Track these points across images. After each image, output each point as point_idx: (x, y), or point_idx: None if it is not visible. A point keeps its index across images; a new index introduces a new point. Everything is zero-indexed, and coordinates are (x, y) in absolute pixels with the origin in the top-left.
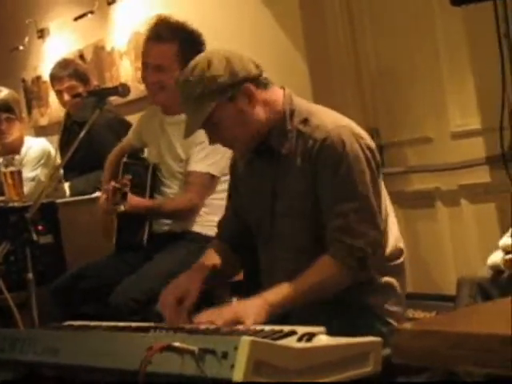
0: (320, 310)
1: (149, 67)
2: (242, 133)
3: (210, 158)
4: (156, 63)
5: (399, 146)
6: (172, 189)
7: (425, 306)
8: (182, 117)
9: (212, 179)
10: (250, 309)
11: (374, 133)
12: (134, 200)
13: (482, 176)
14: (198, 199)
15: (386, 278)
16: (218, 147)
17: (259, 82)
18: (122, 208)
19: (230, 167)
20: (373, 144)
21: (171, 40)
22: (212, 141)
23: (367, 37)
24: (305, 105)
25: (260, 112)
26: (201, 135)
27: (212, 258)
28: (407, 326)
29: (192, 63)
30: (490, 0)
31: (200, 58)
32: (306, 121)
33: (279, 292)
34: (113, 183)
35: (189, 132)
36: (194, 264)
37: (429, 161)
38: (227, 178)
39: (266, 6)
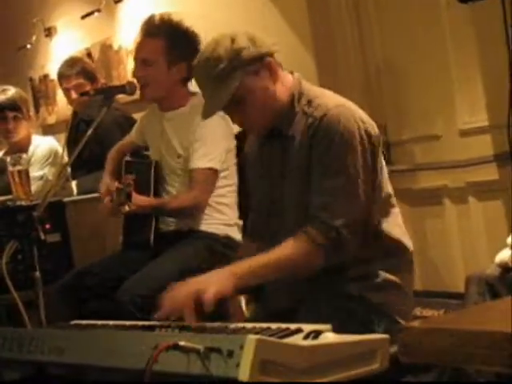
0: (326, 307)
1: (136, 61)
2: (264, 110)
3: (211, 153)
4: (142, 57)
5: (407, 143)
6: (174, 186)
7: (433, 304)
8: (179, 112)
9: (214, 173)
10: (213, 278)
11: (381, 130)
12: (138, 199)
13: (490, 173)
14: (202, 196)
15: (392, 276)
16: (218, 140)
17: (276, 60)
18: (127, 208)
19: (244, 161)
20: (373, 130)
21: (158, 35)
22: (235, 120)
23: (374, 34)
24: (313, 89)
25: (280, 89)
26: (199, 130)
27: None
28: (415, 324)
29: (210, 43)
30: None
31: (219, 37)
32: (310, 102)
33: (246, 264)
34: (116, 184)
35: (211, 112)
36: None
37: (437, 158)
38: (227, 173)
39: (274, 4)
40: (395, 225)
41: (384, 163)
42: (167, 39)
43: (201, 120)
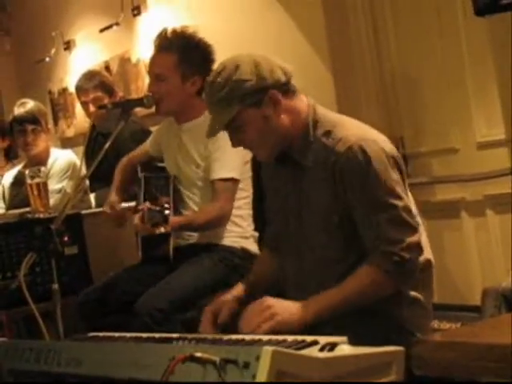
0: (344, 320)
1: (151, 76)
2: (264, 139)
3: (231, 163)
4: (156, 72)
5: (424, 156)
6: (191, 199)
7: (450, 317)
8: (196, 123)
9: (235, 183)
10: (289, 309)
11: (398, 142)
12: (175, 221)
13: (508, 186)
14: (227, 206)
15: (415, 292)
16: (236, 150)
17: (287, 89)
18: (163, 230)
19: (256, 172)
20: (397, 154)
21: (171, 50)
22: (234, 143)
23: (391, 46)
24: (329, 116)
25: (284, 120)
26: (217, 140)
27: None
28: (430, 337)
29: (220, 65)
30: None
31: (229, 60)
32: (329, 133)
33: (322, 302)
34: (148, 204)
35: (212, 132)
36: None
37: (454, 171)
38: (244, 184)
39: (290, 15)
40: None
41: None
42: (180, 53)
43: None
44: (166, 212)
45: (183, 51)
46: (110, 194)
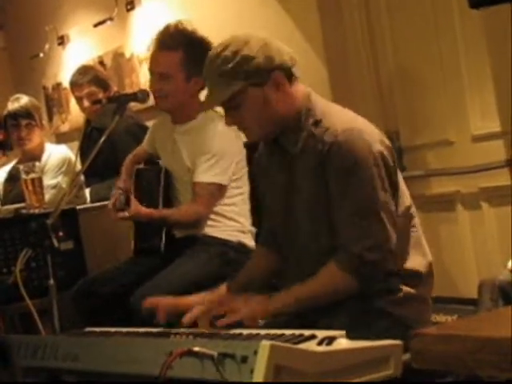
0: (342, 315)
1: (154, 74)
2: (260, 120)
3: (217, 167)
4: (160, 71)
5: (419, 149)
6: (184, 196)
7: (446, 310)
8: (190, 125)
9: (219, 188)
10: (250, 304)
11: (394, 136)
12: (138, 208)
13: (503, 179)
14: (204, 210)
15: (413, 289)
16: (226, 155)
17: (291, 74)
18: (127, 214)
19: (255, 166)
20: (384, 149)
21: (175, 48)
22: (228, 121)
23: (386, 41)
24: (322, 105)
25: (283, 104)
26: (207, 145)
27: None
28: (428, 330)
29: (227, 40)
30: (509, 2)
31: (237, 37)
32: (319, 122)
33: (282, 296)
34: (119, 190)
35: (208, 106)
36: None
37: (449, 164)
38: (239, 181)
39: (286, 12)
40: (414, 238)
41: (401, 176)
42: (184, 52)
43: (209, 133)
44: (127, 195)
45: (187, 49)
46: (113, 193)
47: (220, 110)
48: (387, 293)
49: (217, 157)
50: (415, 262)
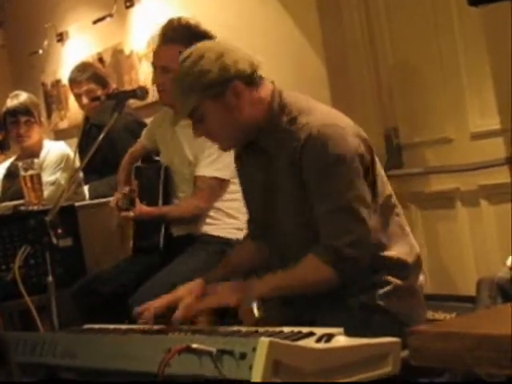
0: (338, 312)
1: (156, 68)
2: (225, 130)
3: (219, 162)
4: (162, 64)
5: (419, 146)
6: (184, 192)
7: (445, 307)
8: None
9: (221, 183)
10: (222, 290)
11: (393, 133)
12: (141, 208)
13: (502, 176)
14: (205, 204)
15: (401, 281)
16: None
17: (251, 80)
18: (131, 214)
19: (235, 162)
20: (360, 141)
21: (178, 41)
22: (195, 133)
23: (385, 38)
24: (298, 102)
25: (248, 111)
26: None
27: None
28: (426, 327)
29: (187, 52)
30: (508, 0)
31: (195, 49)
32: (294, 119)
33: (263, 283)
34: (124, 190)
35: (176, 120)
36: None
37: (448, 161)
38: (235, 180)
39: (285, 9)
40: (397, 227)
41: (380, 167)
42: (186, 45)
43: None
44: (132, 195)
45: (190, 42)
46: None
47: None
48: (375, 287)
49: (219, 151)
50: (400, 251)
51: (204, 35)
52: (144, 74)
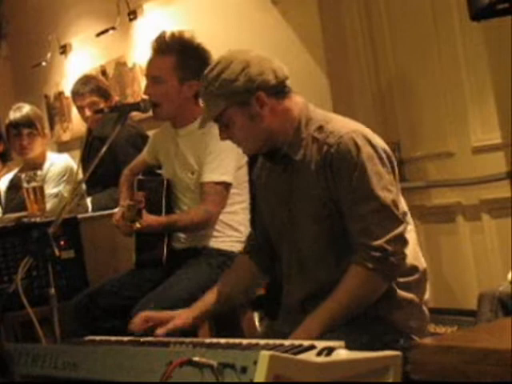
0: (345, 328)
1: (148, 79)
2: (249, 136)
3: (223, 167)
4: (152, 75)
5: (420, 160)
6: (187, 204)
7: (446, 321)
8: (191, 128)
9: (227, 187)
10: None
11: (394, 147)
12: (149, 218)
13: (504, 191)
14: (214, 209)
15: (406, 293)
16: (230, 154)
17: (276, 91)
18: (138, 225)
19: (253, 178)
20: (387, 148)
21: (168, 53)
22: (221, 136)
23: (387, 50)
24: (322, 114)
25: (271, 120)
26: (212, 144)
27: (222, 286)
28: (427, 341)
29: (217, 59)
30: (509, 15)
31: (225, 56)
32: (320, 128)
33: (319, 318)
34: (127, 201)
35: (203, 122)
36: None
37: (450, 175)
38: (240, 190)
39: (287, 21)
40: (410, 243)
41: (398, 184)
42: (178, 56)
43: (212, 134)
44: (139, 206)
45: (181, 54)
46: (120, 200)
47: None
48: (381, 298)
49: (222, 155)
50: (410, 267)
51: (195, 47)
52: None
